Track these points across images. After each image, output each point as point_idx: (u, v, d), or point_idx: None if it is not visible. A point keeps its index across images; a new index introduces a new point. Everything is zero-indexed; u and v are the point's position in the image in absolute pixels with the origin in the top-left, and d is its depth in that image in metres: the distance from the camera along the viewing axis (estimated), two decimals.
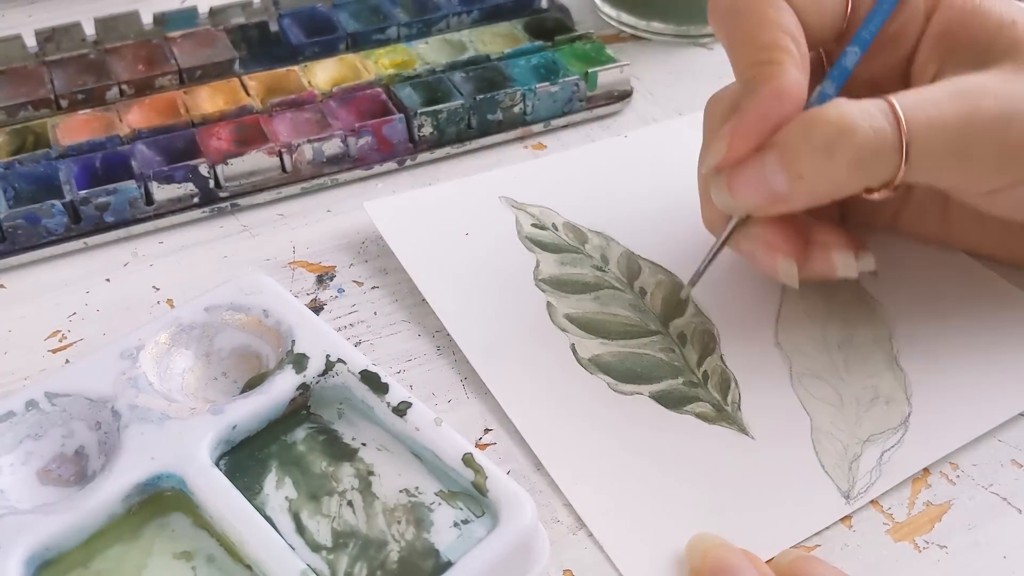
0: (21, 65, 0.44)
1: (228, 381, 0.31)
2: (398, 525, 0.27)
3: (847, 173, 0.29)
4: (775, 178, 0.29)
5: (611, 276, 0.37)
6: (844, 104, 0.29)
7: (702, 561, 0.27)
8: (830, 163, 0.28)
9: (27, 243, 0.37)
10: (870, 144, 0.28)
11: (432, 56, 0.46)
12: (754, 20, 0.31)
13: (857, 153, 0.28)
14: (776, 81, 0.29)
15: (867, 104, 0.29)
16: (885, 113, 0.28)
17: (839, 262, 0.32)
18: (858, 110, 0.28)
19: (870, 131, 0.28)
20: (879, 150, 0.28)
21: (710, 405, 0.32)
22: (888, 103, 0.28)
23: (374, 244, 0.39)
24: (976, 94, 0.29)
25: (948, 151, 0.29)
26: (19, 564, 0.25)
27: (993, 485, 0.30)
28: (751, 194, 0.30)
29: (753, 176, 0.30)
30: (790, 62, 0.30)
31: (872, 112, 0.28)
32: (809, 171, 0.29)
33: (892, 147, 0.28)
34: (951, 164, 0.29)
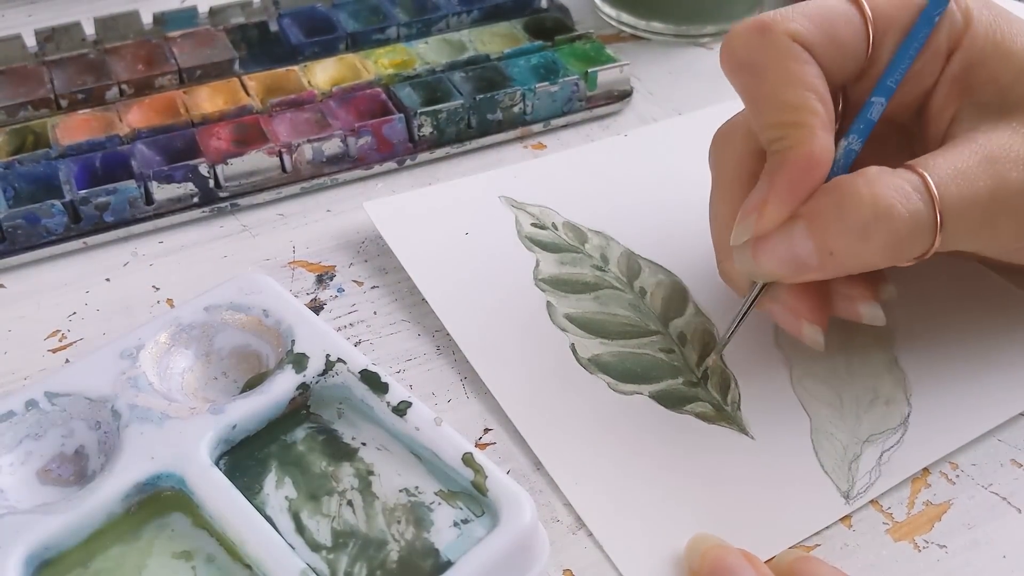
0: (21, 65, 0.44)
1: (228, 381, 0.31)
2: (398, 525, 0.27)
3: (882, 254, 0.28)
4: (804, 251, 0.28)
5: (611, 276, 0.37)
6: (877, 180, 0.27)
7: (701, 561, 0.27)
8: (865, 245, 0.27)
9: (27, 243, 0.37)
10: (907, 228, 0.27)
11: (432, 56, 0.46)
12: (777, 77, 0.29)
13: (894, 237, 0.27)
14: (805, 148, 0.28)
15: (900, 181, 0.27)
16: (920, 191, 0.27)
17: (866, 314, 0.31)
18: (893, 190, 0.27)
19: (907, 215, 0.27)
20: (916, 233, 0.27)
21: (710, 405, 0.32)
22: (921, 177, 0.27)
23: (374, 244, 0.39)
24: (1004, 162, 0.28)
25: (979, 224, 0.28)
26: (19, 564, 0.25)
27: (993, 485, 0.30)
28: (778, 265, 0.29)
29: (781, 247, 0.29)
30: (818, 125, 0.28)
31: (907, 191, 0.27)
32: (841, 249, 0.28)
33: (928, 228, 0.27)
34: (982, 235, 0.29)
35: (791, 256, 0.28)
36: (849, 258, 0.28)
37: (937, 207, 0.27)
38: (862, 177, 0.28)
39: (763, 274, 0.30)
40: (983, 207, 0.28)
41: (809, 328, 0.31)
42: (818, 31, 0.30)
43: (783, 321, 0.31)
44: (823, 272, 0.29)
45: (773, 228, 0.29)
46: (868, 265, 0.29)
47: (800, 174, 0.28)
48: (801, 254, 0.28)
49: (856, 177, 0.28)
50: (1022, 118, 0.29)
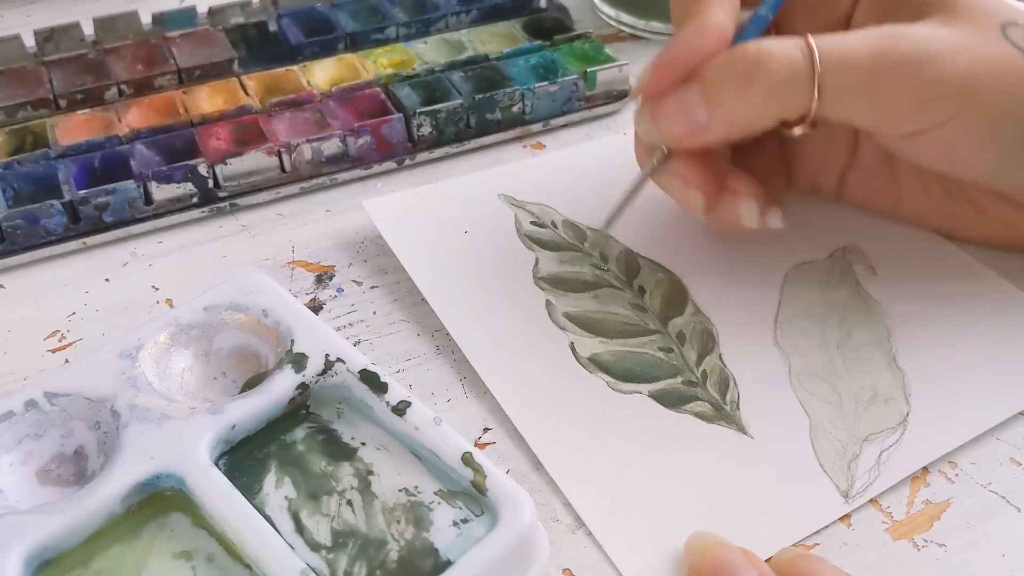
0: (20, 65, 0.44)
1: (227, 381, 0.31)
2: (397, 524, 0.27)
3: (762, 101, 0.31)
4: (695, 108, 0.31)
5: (610, 274, 0.37)
6: (765, 40, 0.31)
7: (700, 560, 0.27)
8: (747, 91, 0.30)
9: (26, 243, 0.37)
10: (783, 72, 0.30)
11: (431, 56, 0.46)
12: None
13: (771, 79, 0.30)
14: (701, 17, 0.31)
15: (786, 40, 0.30)
16: (800, 48, 0.30)
17: (744, 209, 0.34)
18: (776, 44, 0.30)
19: (784, 61, 0.30)
20: (792, 80, 0.30)
21: (709, 404, 0.32)
22: (805, 39, 0.30)
23: (373, 243, 0.39)
24: (894, 36, 0.31)
25: (859, 86, 0.31)
26: (18, 564, 0.25)
27: (992, 484, 0.30)
28: (671, 123, 0.32)
29: (674, 105, 0.31)
30: (718, 6, 0.31)
31: (788, 46, 0.30)
32: (727, 99, 0.31)
33: (805, 77, 0.30)
34: (863, 100, 0.31)
35: (684, 113, 0.31)
36: (734, 108, 0.31)
37: (816, 61, 0.30)
38: (753, 42, 0.31)
39: (660, 136, 0.33)
40: (865, 70, 0.30)
41: (693, 193, 0.33)
42: None
43: (672, 191, 0.34)
44: (714, 129, 0.31)
45: (665, 86, 0.32)
46: (752, 116, 0.31)
47: (692, 38, 0.31)
48: (692, 111, 0.31)
49: (748, 41, 0.31)
50: (931, 20, 0.31)
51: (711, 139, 0.32)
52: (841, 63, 0.30)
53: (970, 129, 0.31)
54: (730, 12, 0.32)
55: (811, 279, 0.36)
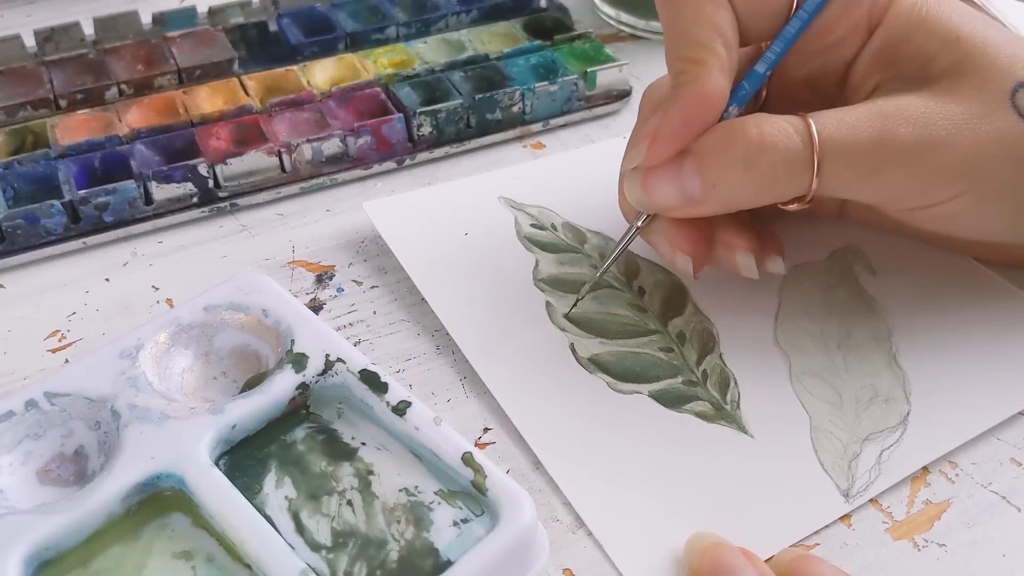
0: (20, 65, 0.44)
1: (227, 381, 0.31)
2: (398, 524, 0.27)
3: (760, 187, 0.30)
4: (690, 183, 0.30)
5: (610, 275, 0.37)
6: (763, 120, 0.30)
7: (700, 560, 0.27)
8: (745, 176, 0.29)
9: (26, 243, 0.37)
10: (783, 161, 0.29)
11: (431, 56, 0.46)
12: (690, 13, 0.31)
13: (771, 170, 0.29)
14: (699, 85, 0.30)
15: (784, 122, 0.29)
16: (801, 133, 0.29)
17: (742, 264, 0.33)
18: (776, 129, 0.29)
19: (784, 151, 0.29)
20: (791, 168, 0.29)
21: (709, 404, 0.32)
22: (805, 122, 0.29)
23: (373, 244, 0.39)
24: (895, 119, 0.30)
25: (859, 173, 0.30)
26: (18, 564, 0.25)
27: (992, 484, 0.30)
28: (665, 196, 0.31)
29: (669, 179, 0.30)
30: (716, 65, 0.30)
31: (788, 131, 0.29)
32: (724, 181, 0.30)
33: (804, 166, 0.29)
34: (863, 185, 0.30)
35: (678, 188, 0.30)
36: (730, 191, 0.30)
37: (816, 148, 0.29)
38: (751, 118, 0.30)
39: (651, 204, 0.31)
40: (865, 155, 0.29)
41: (682, 258, 0.32)
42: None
43: (660, 249, 0.33)
44: (706, 206, 0.30)
45: (662, 159, 0.30)
46: (749, 199, 0.30)
47: (692, 109, 0.30)
48: (687, 186, 0.30)
49: (745, 118, 0.30)
50: (936, 88, 0.30)
51: (704, 213, 0.31)
52: (841, 150, 0.29)
53: (974, 205, 0.31)
54: (729, 74, 0.31)
55: (811, 279, 0.36)
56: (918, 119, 0.30)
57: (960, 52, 0.31)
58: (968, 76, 0.30)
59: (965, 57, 0.31)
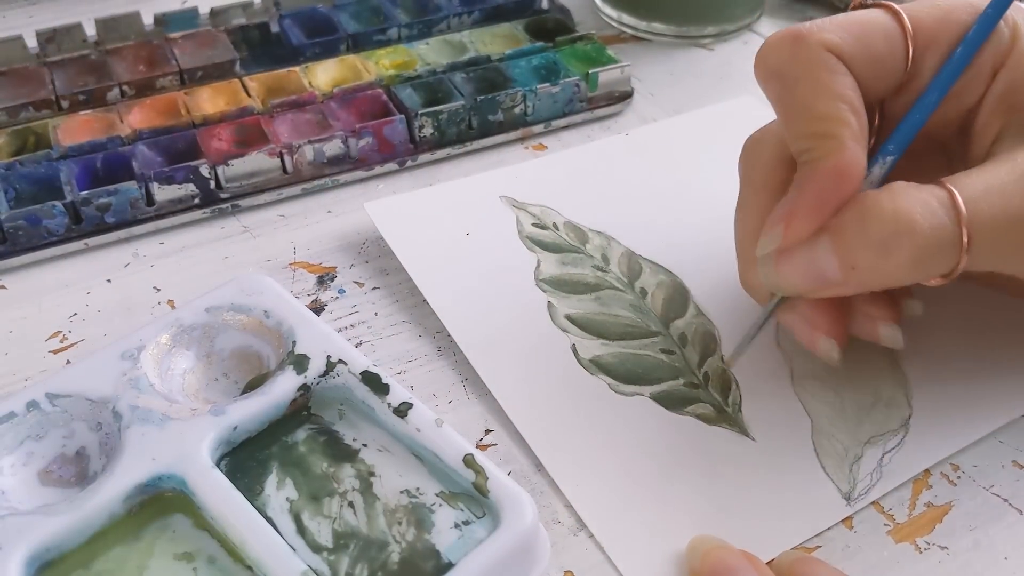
0: (22, 66, 0.44)
1: (229, 382, 0.31)
2: (399, 526, 0.27)
3: (904, 271, 0.27)
4: (827, 266, 0.27)
5: (612, 276, 0.37)
6: (901, 194, 0.27)
7: (702, 563, 0.27)
8: (886, 260, 0.27)
9: (28, 244, 0.37)
10: (930, 244, 0.26)
11: (433, 57, 0.46)
12: (809, 87, 0.28)
13: (916, 253, 0.26)
14: (834, 159, 0.27)
15: (926, 195, 0.26)
16: (946, 207, 0.26)
17: (885, 336, 0.31)
18: (918, 205, 0.26)
19: (929, 230, 0.26)
20: (939, 249, 0.26)
21: (711, 406, 0.32)
22: (948, 192, 0.26)
23: (375, 245, 0.39)
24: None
25: (1013, 245, 0.27)
26: (20, 565, 0.25)
27: (994, 486, 0.30)
28: (801, 280, 0.28)
29: (804, 261, 0.28)
30: (848, 136, 0.28)
31: (932, 207, 0.26)
32: (864, 264, 0.27)
33: (952, 245, 0.26)
34: (1015, 257, 0.28)
35: (814, 270, 0.28)
36: (871, 274, 0.27)
37: (964, 223, 0.26)
38: (887, 191, 0.27)
39: (785, 287, 0.29)
40: (1017, 226, 0.27)
41: (825, 342, 0.30)
42: (854, 42, 0.29)
43: (800, 333, 0.31)
44: (845, 288, 0.28)
45: (799, 241, 0.28)
46: (891, 281, 0.28)
47: (829, 186, 0.27)
48: (824, 269, 0.27)
49: (881, 191, 0.27)
50: None
51: (843, 294, 0.29)
52: (992, 226, 0.26)
53: None
54: (863, 141, 0.28)
55: None
56: None
57: None
58: None
59: None
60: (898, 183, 0.27)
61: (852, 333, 0.31)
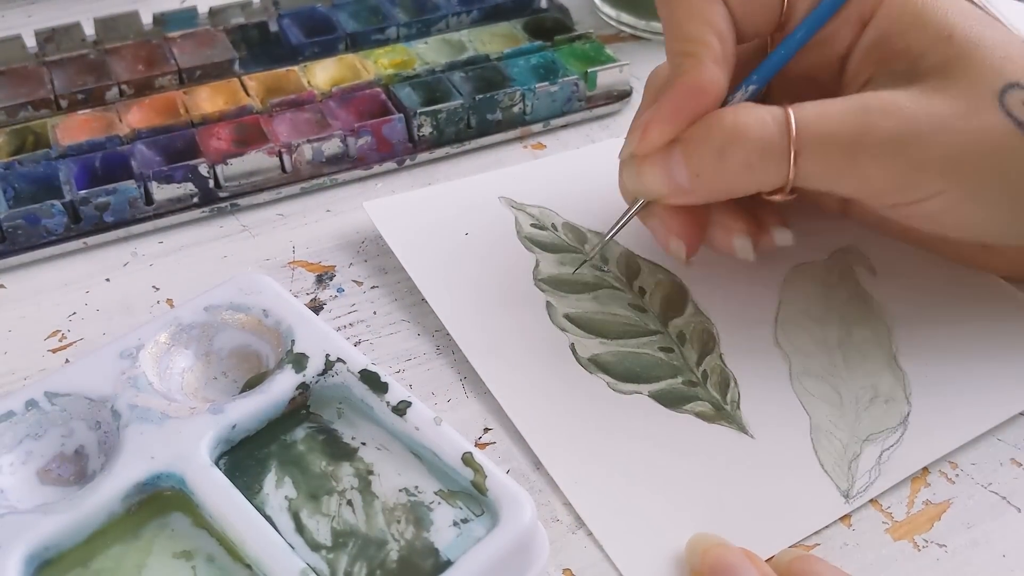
0: (21, 65, 0.44)
1: (228, 381, 0.31)
2: (398, 524, 0.27)
3: (738, 175, 0.30)
4: (678, 172, 0.31)
5: (610, 276, 0.37)
6: (743, 109, 0.30)
7: (702, 560, 0.27)
8: (722, 164, 0.30)
9: (27, 243, 0.37)
10: (758, 150, 0.29)
11: (431, 56, 0.46)
12: (683, 9, 0.32)
13: (747, 159, 0.29)
14: (691, 76, 0.30)
15: (764, 111, 0.30)
16: (779, 122, 0.29)
17: (738, 247, 0.33)
18: (753, 117, 0.29)
19: (758, 139, 0.29)
20: (766, 157, 0.29)
21: (709, 404, 0.32)
22: (785, 112, 0.29)
23: (373, 244, 0.39)
24: (877, 112, 0.29)
25: (837, 165, 0.30)
26: (19, 563, 0.25)
27: (992, 484, 0.30)
28: (656, 184, 0.31)
29: (660, 167, 0.31)
30: (709, 57, 0.30)
31: (766, 120, 0.29)
32: (705, 170, 0.30)
33: (780, 154, 0.29)
34: (841, 178, 0.30)
35: (668, 176, 0.31)
36: (712, 180, 0.30)
37: (792, 139, 0.29)
38: (731, 108, 0.30)
39: (644, 191, 0.32)
40: (843, 147, 0.29)
41: (675, 242, 0.33)
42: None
43: (657, 236, 0.34)
44: (694, 194, 0.31)
45: (654, 148, 0.31)
46: (731, 189, 0.31)
47: (683, 99, 0.30)
48: (675, 175, 0.31)
49: (727, 108, 0.30)
50: (924, 85, 0.30)
51: (693, 202, 0.32)
52: (820, 141, 0.29)
53: (956, 203, 0.30)
54: (724, 65, 0.31)
55: (811, 279, 0.36)
56: (900, 114, 0.29)
57: (951, 50, 0.30)
58: (957, 74, 0.30)
59: (956, 55, 0.30)
60: (745, 103, 0.31)
61: (710, 245, 0.34)
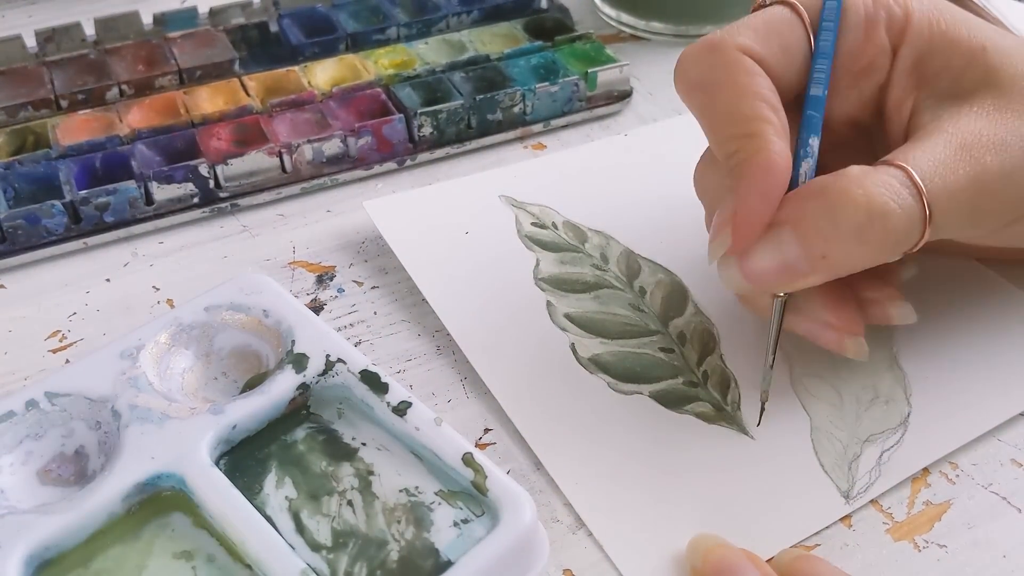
0: (21, 65, 0.44)
1: (228, 381, 0.31)
2: (398, 524, 0.27)
3: (875, 253, 0.28)
4: (794, 257, 0.28)
5: (611, 275, 0.37)
6: (867, 180, 0.27)
7: (703, 562, 0.27)
8: (862, 246, 0.27)
9: (27, 243, 0.37)
10: (902, 225, 0.27)
11: (432, 56, 0.46)
12: (729, 91, 0.29)
13: (891, 236, 0.27)
14: (763, 155, 0.28)
15: (887, 177, 0.27)
16: (907, 186, 0.27)
17: (896, 315, 0.32)
18: (884, 188, 0.27)
19: (900, 212, 0.27)
20: (909, 228, 0.27)
21: (710, 405, 0.32)
22: (905, 172, 0.27)
23: (374, 244, 0.39)
24: (977, 148, 0.28)
25: (965, 214, 0.29)
26: (19, 564, 0.25)
27: (993, 484, 0.30)
28: (771, 277, 0.29)
29: (769, 257, 0.28)
30: (771, 132, 0.28)
31: (896, 188, 0.27)
32: (835, 252, 0.28)
33: (919, 221, 0.28)
34: (968, 222, 0.29)
35: (782, 264, 0.28)
36: (843, 260, 0.28)
37: (925, 199, 0.27)
38: (847, 178, 0.27)
39: (755, 286, 0.29)
40: (967, 195, 0.28)
41: (853, 341, 0.31)
42: (765, 41, 0.30)
43: (824, 340, 0.31)
44: (815, 277, 0.28)
45: (751, 239, 0.28)
46: (861, 265, 0.28)
47: (763, 180, 0.28)
48: (791, 261, 0.28)
49: (841, 178, 0.28)
50: (979, 101, 0.30)
51: (811, 284, 0.29)
52: (947, 196, 0.28)
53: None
54: (785, 135, 0.29)
55: None
56: (995, 144, 0.28)
57: (989, 62, 0.30)
58: (1006, 87, 0.29)
59: (996, 67, 0.30)
60: (852, 168, 0.28)
61: (867, 322, 0.31)
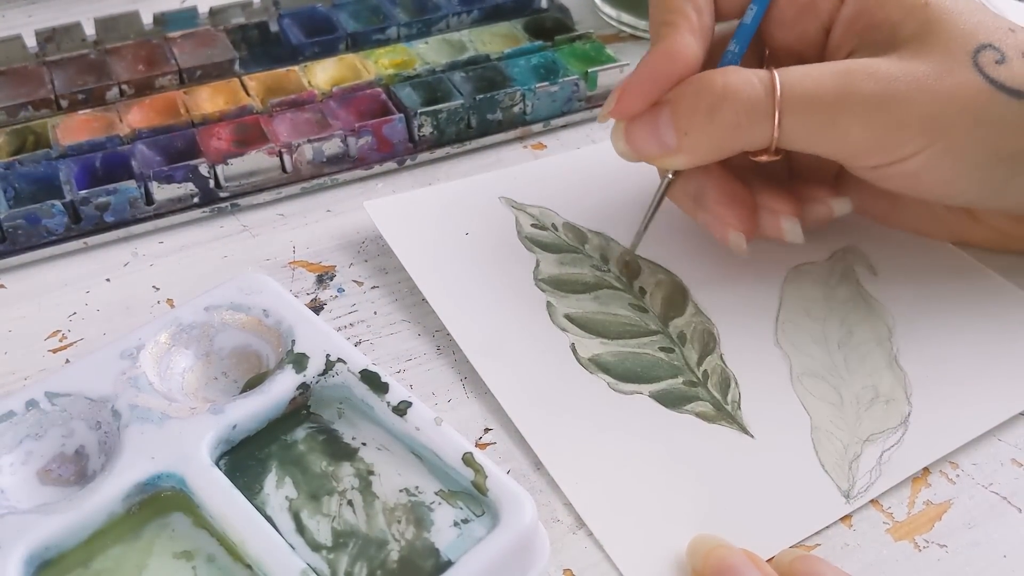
0: (21, 65, 0.44)
1: (228, 381, 0.31)
2: (398, 524, 0.27)
3: (725, 133, 0.31)
4: (665, 132, 0.32)
5: (611, 276, 0.37)
6: (731, 72, 0.32)
7: (704, 562, 0.27)
8: (711, 123, 0.31)
9: (27, 243, 0.37)
10: (746, 110, 0.31)
11: (432, 56, 0.46)
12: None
13: (734, 118, 0.31)
14: (667, 42, 0.32)
15: (751, 73, 0.31)
16: (765, 83, 0.31)
17: (786, 229, 0.35)
18: (741, 78, 0.31)
19: (746, 98, 0.31)
20: (753, 117, 0.31)
21: (710, 404, 0.32)
22: (770, 73, 0.31)
23: (374, 244, 0.39)
24: (859, 75, 0.31)
25: (820, 125, 0.31)
26: (19, 564, 0.25)
27: (993, 484, 0.30)
28: (644, 145, 0.33)
29: (646, 128, 0.33)
30: (685, 26, 0.32)
31: (753, 81, 0.31)
32: (693, 129, 0.32)
33: (766, 113, 0.31)
34: (824, 136, 0.32)
35: (655, 137, 0.32)
36: (700, 138, 0.32)
37: (777, 97, 0.31)
38: (720, 70, 0.32)
39: (633, 153, 0.33)
40: (826, 106, 0.31)
41: (734, 235, 0.34)
42: None
43: (711, 229, 0.35)
44: (680, 155, 0.32)
45: (632, 111, 0.33)
46: (719, 148, 0.32)
47: (660, 65, 0.32)
48: (663, 136, 0.32)
49: (715, 70, 0.32)
50: (901, 51, 0.32)
51: (683, 163, 0.33)
52: (802, 100, 0.31)
53: (936, 162, 0.31)
54: (700, 35, 0.33)
55: (812, 279, 0.36)
56: (881, 75, 0.31)
57: (927, 16, 0.32)
58: (933, 38, 0.31)
59: (931, 21, 0.32)
60: (732, 66, 0.32)
61: (760, 232, 0.35)
